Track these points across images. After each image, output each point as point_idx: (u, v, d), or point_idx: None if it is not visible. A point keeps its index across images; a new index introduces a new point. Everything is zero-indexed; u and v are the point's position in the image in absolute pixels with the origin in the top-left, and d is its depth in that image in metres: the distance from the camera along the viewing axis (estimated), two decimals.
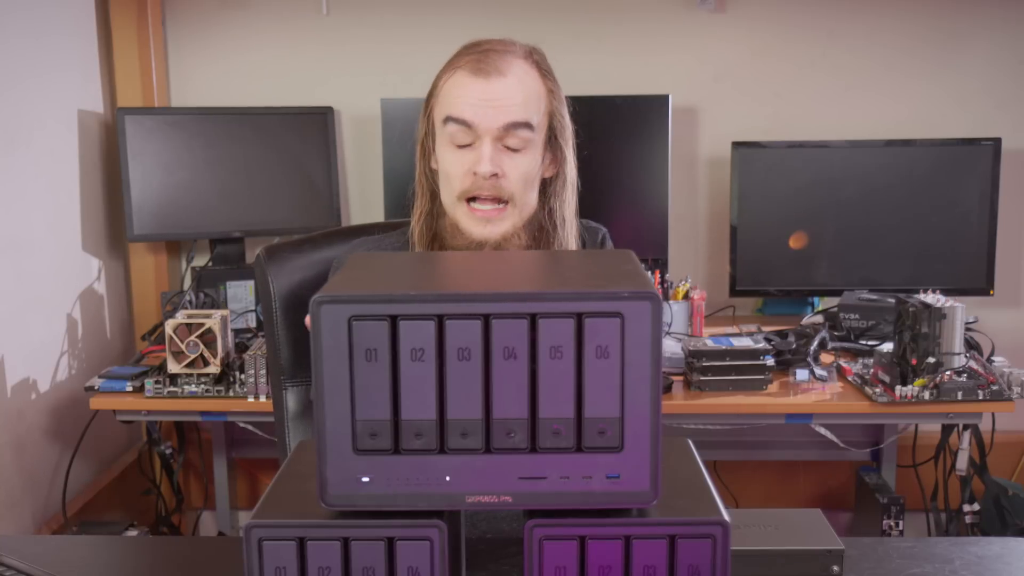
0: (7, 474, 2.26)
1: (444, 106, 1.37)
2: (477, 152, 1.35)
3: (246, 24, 2.82)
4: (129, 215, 2.62)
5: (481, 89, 1.34)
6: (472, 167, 1.35)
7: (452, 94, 1.36)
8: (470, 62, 1.35)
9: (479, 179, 1.34)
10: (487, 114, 1.33)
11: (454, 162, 1.37)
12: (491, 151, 1.34)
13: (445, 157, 1.38)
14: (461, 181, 1.36)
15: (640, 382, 0.76)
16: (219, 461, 2.88)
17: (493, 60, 1.35)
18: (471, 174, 1.35)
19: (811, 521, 1.14)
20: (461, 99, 1.34)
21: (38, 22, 2.41)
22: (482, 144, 1.34)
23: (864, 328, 2.43)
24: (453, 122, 1.35)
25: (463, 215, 1.38)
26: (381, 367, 0.76)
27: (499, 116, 1.34)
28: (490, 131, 1.34)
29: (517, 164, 1.36)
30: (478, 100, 1.33)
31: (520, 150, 1.36)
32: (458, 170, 1.36)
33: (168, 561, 1.22)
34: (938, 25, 2.77)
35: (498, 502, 0.78)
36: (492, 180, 1.34)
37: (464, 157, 1.36)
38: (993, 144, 2.61)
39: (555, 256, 1.06)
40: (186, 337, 2.18)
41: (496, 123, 1.34)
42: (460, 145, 1.36)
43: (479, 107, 1.33)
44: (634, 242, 2.62)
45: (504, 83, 1.34)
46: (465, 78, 1.35)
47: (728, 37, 2.80)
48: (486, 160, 1.34)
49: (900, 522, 2.50)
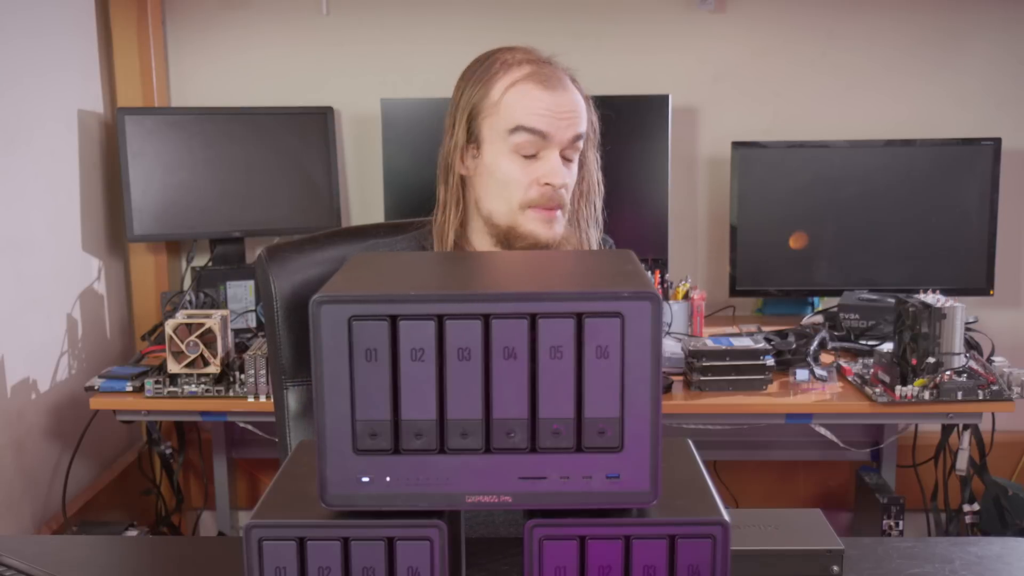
0: (7, 474, 2.26)
1: (511, 115, 1.39)
2: (545, 163, 1.39)
3: (246, 24, 2.83)
4: (129, 215, 2.62)
5: (553, 101, 1.38)
6: (544, 177, 1.39)
7: (520, 104, 1.38)
8: (533, 74, 1.39)
9: (549, 189, 1.39)
10: (559, 125, 1.38)
11: (518, 171, 1.40)
12: (559, 162, 1.39)
13: (506, 167, 1.40)
14: (526, 191, 1.39)
15: (640, 382, 0.76)
16: (219, 461, 2.88)
17: (552, 71, 1.40)
18: (538, 184, 1.39)
19: (811, 521, 1.14)
20: (533, 111, 1.38)
21: (38, 22, 2.41)
22: (550, 155, 1.39)
23: (864, 328, 2.43)
24: (525, 132, 1.38)
25: (528, 219, 1.41)
26: (381, 367, 0.76)
27: (570, 128, 1.39)
28: (561, 142, 1.39)
29: (571, 173, 1.43)
30: (549, 112, 1.37)
31: (573, 160, 1.42)
32: (524, 179, 1.39)
33: (168, 561, 1.22)
34: (938, 25, 2.77)
35: (498, 502, 0.78)
36: (560, 189, 1.40)
37: (529, 167, 1.39)
38: (993, 144, 2.61)
39: (555, 256, 1.06)
40: (186, 337, 2.18)
41: (567, 134, 1.39)
42: (526, 155, 1.39)
43: (552, 119, 1.37)
44: (634, 242, 2.62)
45: (568, 96, 1.40)
46: (533, 90, 1.38)
47: (728, 37, 2.80)
48: (560, 171, 1.39)
49: (900, 522, 2.50)
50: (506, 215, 1.42)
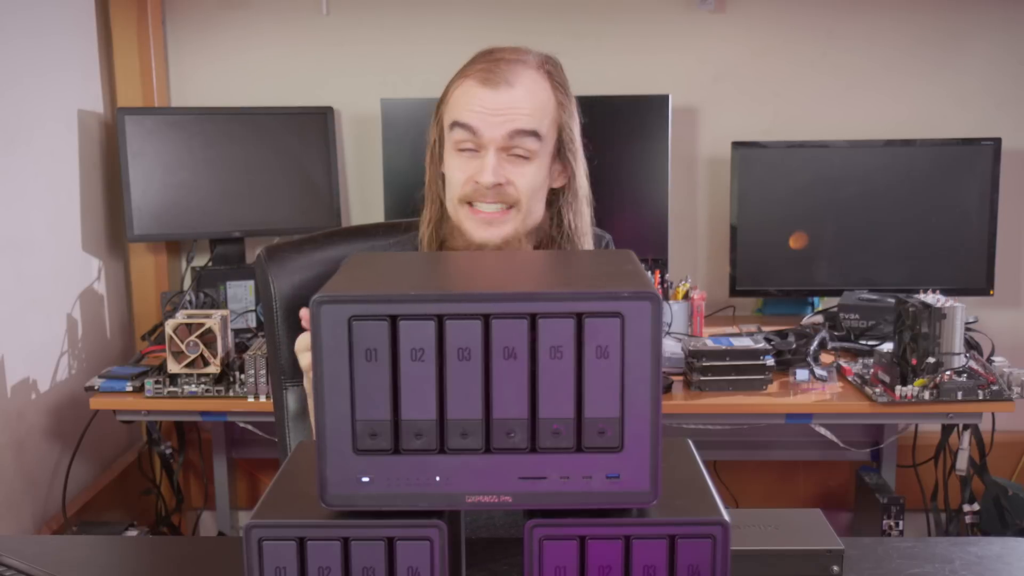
0: (7, 474, 2.26)
1: (452, 112, 1.39)
2: (481, 160, 1.37)
3: (246, 24, 2.82)
4: (129, 215, 2.62)
5: (488, 98, 1.36)
6: (475, 175, 1.37)
7: (460, 101, 1.38)
8: (480, 71, 1.37)
9: (481, 187, 1.37)
10: (492, 122, 1.35)
11: (458, 167, 1.39)
12: (495, 161, 1.36)
13: (450, 162, 1.40)
14: (463, 186, 1.38)
15: (640, 382, 0.76)
16: (219, 461, 2.88)
17: (502, 70, 1.37)
18: (473, 181, 1.37)
19: (811, 521, 1.14)
20: (467, 107, 1.36)
21: (38, 22, 2.41)
22: (487, 153, 1.36)
23: (864, 328, 2.43)
24: (459, 127, 1.37)
25: (464, 217, 1.40)
26: (381, 367, 0.76)
27: (504, 124, 1.35)
28: (495, 139, 1.36)
29: (524, 172, 1.38)
30: (483, 108, 1.35)
31: (527, 159, 1.38)
32: (460, 176, 1.38)
33: (168, 561, 1.22)
34: (938, 25, 2.77)
35: (498, 502, 0.78)
36: (495, 189, 1.36)
37: (468, 163, 1.38)
38: (993, 144, 2.61)
39: (555, 256, 1.06)
40: (186, 337, 2.18)
41: (501, 131, 1.36)
42: (465, 150, 1.38)
43: (484, 115, 1.35)
44: (634, 242, 2.62)
45: (511, 94, 1.36)
46: (474, 87, 1.37)
47: (728, 37, 2.80)
48: (488, 170, 1.36)
49: (900, 522, 2.50)
50: (452, 212, 1.42)
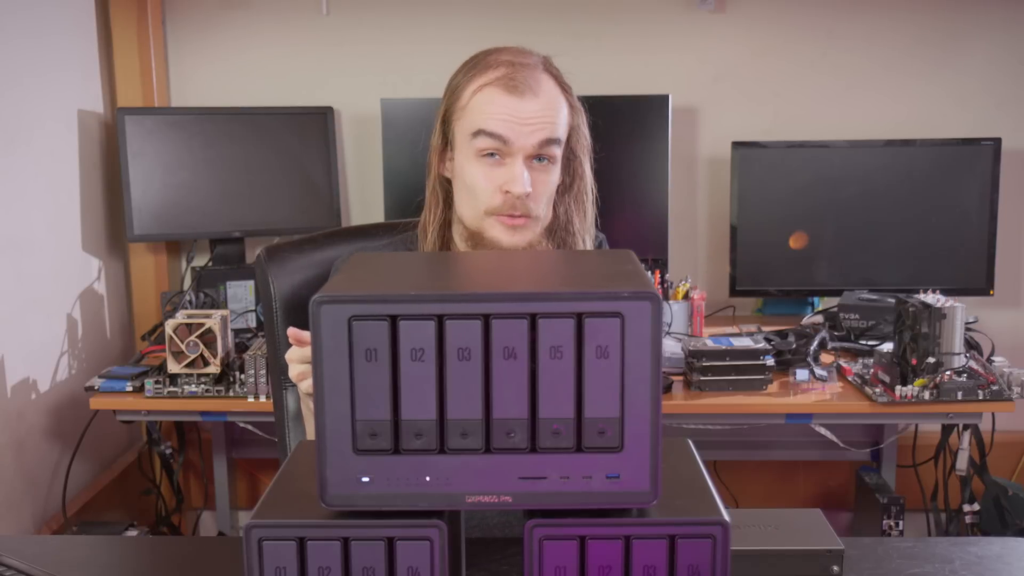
0: (7, 474, 2.26)
1: (474, 119, 1.35)
2: (509, 170, 1.34)
3: (246, 24, 2.82)
4: (129, 215, 2.62)
5: (516, 107, 1.33)
6: (505, 185, 1.35)
7: (486, 109, 1.35)
8: (503, 78, 1.34)
9: (511, 197, 1.34)
10: (522, 132, 1.33)
11: (483, 175, 1.36)
12: (523, 169, 1.34)
13: (471, 171, 1.37)
14: (491, 197, 1.36)
15: (640, 382, 0.76)
16: (219, 461, 2.88)
17: (524, 77, 1.35)
18: (501, 192, 1.35)
19: (811, 521, 1.14)
20: (495, 115, 1.34)
21: (38, 22, 2.41)
22: (515, 162, 1.34)
23: (864, 328, 2.43)
24: (486, 136, 1.34)
25: (491, 225, 1.37)
26: (381, 367, 0.76)
27: (535, 134, 1.34)
28: (524, 148, 1.34)
29: (543, 180, 1.37)
30: (512, 117, 1.33)
31: (550, 163, 1.37)
32: (488, 185, 1.36)
33: (168, 561, 1.22)
34: (938, 25, 2.77)
35: (498, 502, 0.78)
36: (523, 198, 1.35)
37: (494, 172, 1.35)
38: (993, 144, 2.61)
39: (555, 256, 1.06)
40: (186, 337, 2.18)
41: (532, 140, 1.34)
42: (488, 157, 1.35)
43: (514, 124, 1.33)
44: (634, 242, 2.62)
45: (538, 102, 1.34)
46: (499, 95, 1.34)
47: (728, 37, 2.80)
48: (522, 180, 1.34)
49: (900, 522, 2.50)
50: (472, 220, 1.39)
